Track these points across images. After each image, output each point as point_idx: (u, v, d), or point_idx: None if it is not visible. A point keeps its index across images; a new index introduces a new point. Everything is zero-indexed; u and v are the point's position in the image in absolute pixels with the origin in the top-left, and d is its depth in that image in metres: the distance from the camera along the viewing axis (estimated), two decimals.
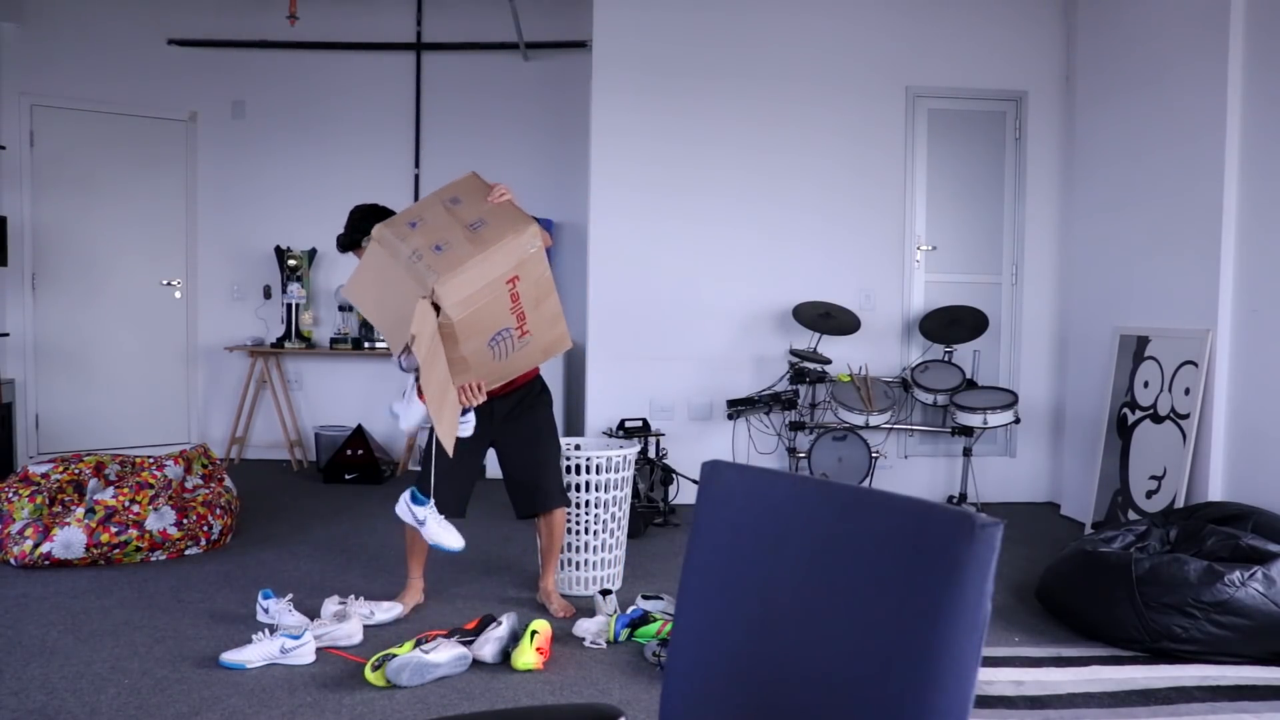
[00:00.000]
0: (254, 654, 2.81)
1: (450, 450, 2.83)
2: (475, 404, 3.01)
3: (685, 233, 5.24)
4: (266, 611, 3.15)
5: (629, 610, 3.15)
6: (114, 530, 3.83)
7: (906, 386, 5.15)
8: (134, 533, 3.86)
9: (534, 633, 2.87)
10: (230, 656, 2.81)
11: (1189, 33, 4.23)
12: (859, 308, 5.23)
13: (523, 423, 3.32)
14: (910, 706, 0.95)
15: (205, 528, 4.08)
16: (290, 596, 3.27)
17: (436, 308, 2.68)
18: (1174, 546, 3.43)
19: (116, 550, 3.83)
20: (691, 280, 5.25)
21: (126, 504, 3.90)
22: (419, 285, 2.67)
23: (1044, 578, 3.55)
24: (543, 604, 3.41)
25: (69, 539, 3.76)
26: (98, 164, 6.10)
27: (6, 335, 5.82)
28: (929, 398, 4.95)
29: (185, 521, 4.01)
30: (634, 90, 5.21)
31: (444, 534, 3.11)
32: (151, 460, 4.30)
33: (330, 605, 3.16)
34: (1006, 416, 4.78)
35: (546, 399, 3.39)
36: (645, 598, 3.33)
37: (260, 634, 2.88)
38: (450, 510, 3.30)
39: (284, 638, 2.84)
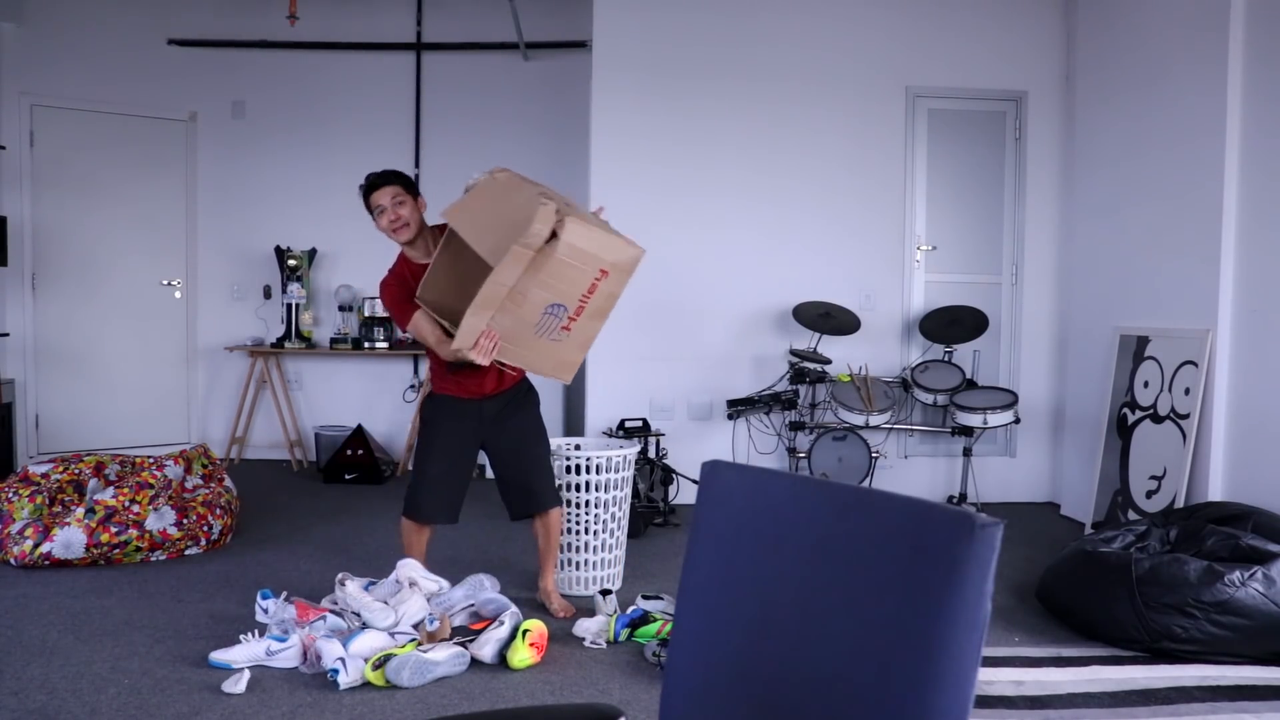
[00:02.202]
0: (240, 654, 2.80)
1: (472, 340, 2.83)
2: (482, 359, 2.87)
3: (685, 233, 5.24)
4: (266, 612, 3.14)
5: (629, 610, 3.15)
6: (114, 530, 3.82)
7: (906, 386, 5.14)
8: (134, 533, 3.86)
9: (525, 631, 2.88)
10: (218, 656, 2.81)
11: (1189, 33, 4.23)
12: (859, 308, 5.23)
13: (512, 424, 3.32)
14: (910, 706, 0.95)
15: (205, 528, 4.08)
16: (285, 594, 3.26)
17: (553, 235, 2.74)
18: (1174, 546, 3.43)
19: (116, 550, 3.83)
20: (691, 280, 5.25)
21: (126, 504, 3.89)
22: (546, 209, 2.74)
23: (1044, 578, 3.55)
24: (542, 604, 3.41)
25: (69, 539, 3.76)
26: (98, 164, 6.10)
27: (6, 335, 5.82)
28: (929, 398, 4.95)
29: (185, 521, 4.01)
30: (634, 90, 5.21)
31: None
32: (151, 460, 4.30)
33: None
34: (1006, 416, 4.78)
35: (534, 399, 3.39)
36: (645, 598, 3.33)
37: (247, 635, 2.88)
38: (444, 518, 3.30)
39: (270, 640, 2.83)
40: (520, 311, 2.87)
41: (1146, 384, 4.39)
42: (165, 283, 6.36)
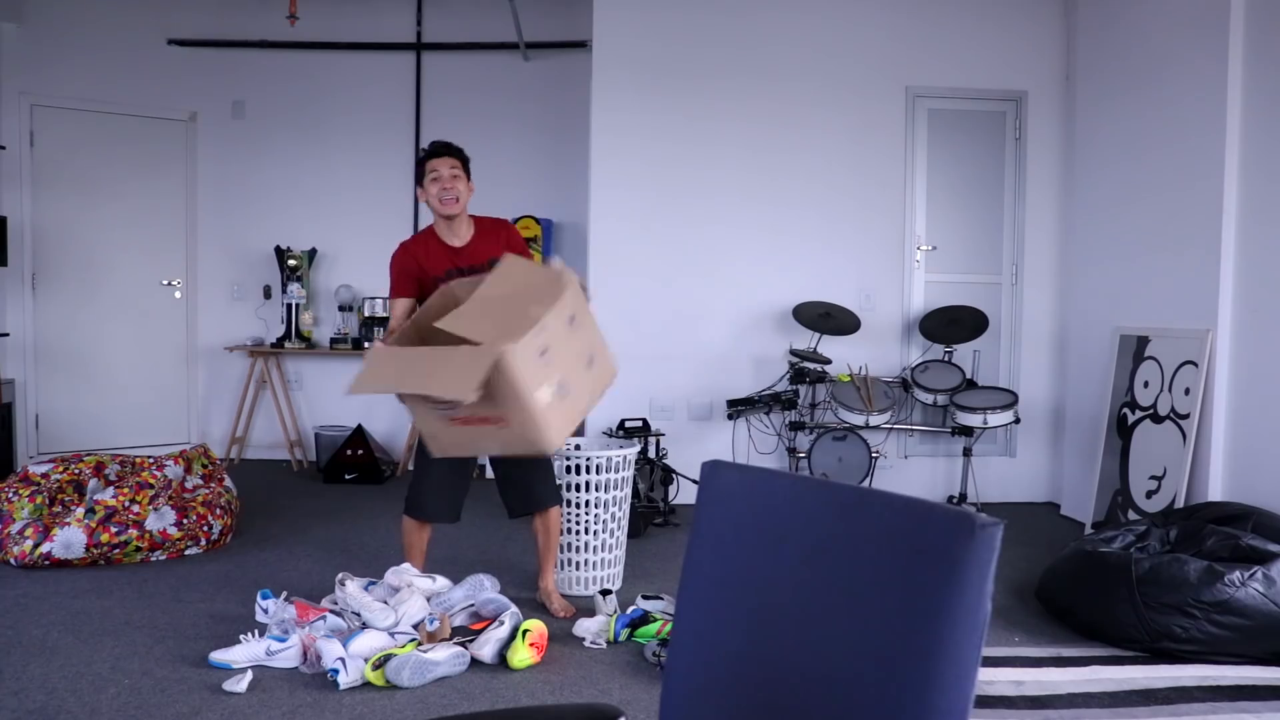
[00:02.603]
0: (240, 654, 2.80)
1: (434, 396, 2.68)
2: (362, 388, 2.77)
3: (685, 233, 5.24)
4: (266, 612, 3.14)
5: (629, 610, 3.15)
6: (114, 530, 3.82)
7: (906, 386, 5.14)
8: (134, 533, 3.86)
9: (525, 631, 2.88)
10: (218, 656, 2.81)
11: (1189, 33, 4.23)
12: (859, 308, 5.23)
13: None
14: (910, 706, 0.95)
15: (205, 528, 4.08)
16: (285, 594, 3.26)
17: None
18: (1174, 546, 3.43)
19: (116, 550, 3.83)
20: (691, 280, 5.25)
21: (126, 504, 3.89)
22: (514, 331, 2.58)
23: (1044, 578, 3.55)
24: (542, 604, 3.41)
25: (69, 539, 3.76)
26: (98, 164, 6.10)
27: (6, 335, 5.82)
28: (929, 398, 4.95)
29: (185, 521, 4.01)
30: (634, 90, 5.21)
31: None
32: (151, 460, 4.30)
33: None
34: (1006, 416, 4.78)
35: None
36: (645, 598, 3.33)
37: (247, 635, 2.88)
38: (445, 517, 3.30)
39: (270, 640, 2.83)
40: (420, 357, 2.73)
41: (1146, 384, 4.39)
42: (165, 283, 6.36)
